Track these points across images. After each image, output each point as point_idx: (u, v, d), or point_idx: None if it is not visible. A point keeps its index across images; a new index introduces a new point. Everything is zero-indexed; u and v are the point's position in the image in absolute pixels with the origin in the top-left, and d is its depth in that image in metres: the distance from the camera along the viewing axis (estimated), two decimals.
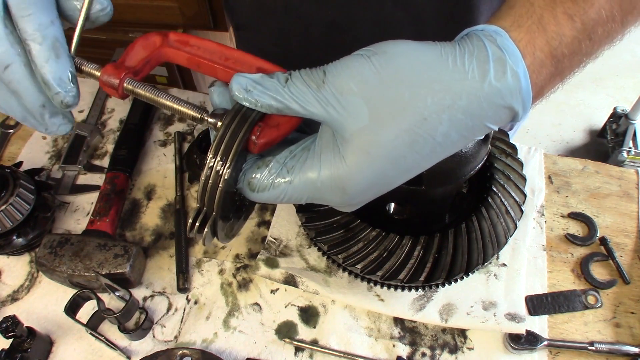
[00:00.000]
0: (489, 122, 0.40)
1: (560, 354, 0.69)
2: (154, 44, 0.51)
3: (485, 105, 0.39)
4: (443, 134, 0.40)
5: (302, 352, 0.70)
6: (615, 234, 0.79)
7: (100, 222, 0.78)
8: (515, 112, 0.41)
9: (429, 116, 0.39)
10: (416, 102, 0.39)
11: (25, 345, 0.66)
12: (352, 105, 0.40)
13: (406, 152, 0.40)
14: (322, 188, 0.42)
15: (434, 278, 0.61)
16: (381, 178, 0.41)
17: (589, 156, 1.02)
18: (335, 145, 0.41)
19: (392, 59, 0.40)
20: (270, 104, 0.42)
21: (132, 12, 1.45)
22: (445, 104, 0.39)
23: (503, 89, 0.39)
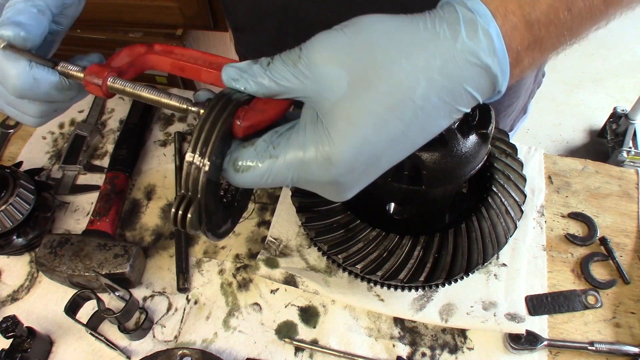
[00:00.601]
0: (468, 84, 0.40)
1: (560, 354, 0.69)
2: (139, 52, 0.53)
3: (461, 65, 0.39)
4: (422, 96, 0.39)
5: (302, 352, 0.70)
6: (615, 234, 0.79)
7: (100, 222, 0.78)
8: (494, 75, 0.40)
9: (405, 78, 0.39)
10: (390, 65, 0.39)
11: (25, 345, 0.66)
12: (327, 76, 0.40)
13: (387, 116, 0.39)
14: (308, 163, 0.42)
15: (434, 278, 0.61)
16: (367, 147, 0.40)
17: (589, 156, 1.02)
18: (318, 119, 0.42)
19: (364, 27, 0.41)
20: (255, 89, 0.43)
21: (132, 12, 1.45)
22: (420, 65, 0.39)
23: (476, 47, 0.39)
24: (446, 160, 0.53)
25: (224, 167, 0.44)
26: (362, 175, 0.43)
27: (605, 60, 2.92)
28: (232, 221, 0.51)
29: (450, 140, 0.53)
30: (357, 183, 0.44)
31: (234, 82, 0.44)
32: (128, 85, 0.49)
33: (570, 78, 2.85)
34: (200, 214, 0.43)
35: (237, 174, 0.44)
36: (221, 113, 0.42)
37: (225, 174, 0.45)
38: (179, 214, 0.42)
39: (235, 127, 0.43)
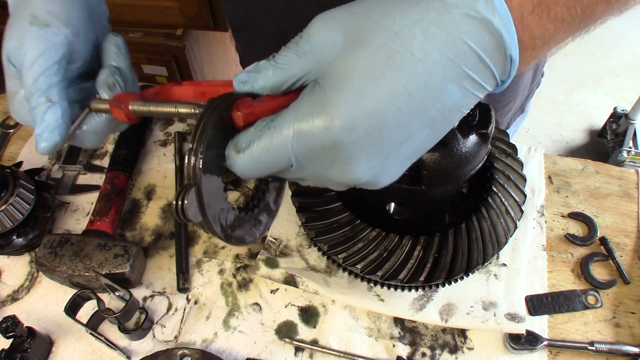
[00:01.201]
0: (469, 39, 0.38)
1: (560, 354, 0.69)
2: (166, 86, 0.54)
3: (457, 18, 0.37)
4: (420, 48, 0.38)
5: (302, 352, 0.70)
6: (615, 234, 0.79)
7: (100, 222, 0.78)
8: (497, 32, 0.38)
9: (400, 30, 0.38)
10: (385, 20, 0.39)
11: (25, 345, 0.66)
12: (323, 41, 0.41)
13: (385, 69, 0.38)
14: (306, 125, 0.39)
15: (434, 278, 0.61)
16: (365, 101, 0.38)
17: (589, 156, 1.02)
18: (316, 84, 0.41)
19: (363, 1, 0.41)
20: (262, 84, 0.43)
21: (132, 12, 1.45)
22: (415, 18, 0.38)
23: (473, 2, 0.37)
24: (446, 160, 0.53)
25: (226, 154, 0.44)
26: (367, 142, 0.39)
27: (605, 60, 2.92)
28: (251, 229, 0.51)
29: (450, 140, 0.53)
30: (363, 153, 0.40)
31: (243, 85, 0.44)
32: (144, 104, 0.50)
33: (570, 78, 2.85)
34: (202, 202, 0.42)
35: (237, 157, 0.43)
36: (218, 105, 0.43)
37: (227, 161, 0.44)
38: (178, 203, 0.41)
39: (235, 116, 0.44)
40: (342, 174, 0.42)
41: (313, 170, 0.43)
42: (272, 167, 0.43)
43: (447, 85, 0.38)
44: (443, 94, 0.39)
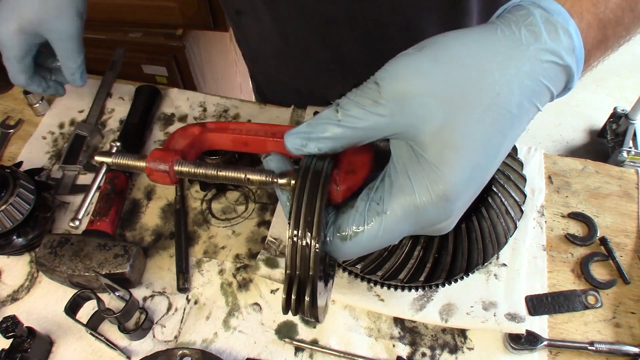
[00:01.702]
0: (550, 84, 0.39)
1: (560, 354, 0.69)
2: (193, 133, 0.50)
3: (546, 67, 0.38)
4: (517, 104, 0.38)
5: (302, 352, 0.70)
6: (615, 234, 0.79)
7: (100, 222, 0.78)
8: (571, 74, 0.40)
9: (500, 90, 0.38)
10: (485, 79, 0.38)
11: (25, 345, 0.66)
12: (420, 105, 0.38)
13: (491, 134, 0.38)
14: (422, 207, 0.38)
15: (434, 278, 0.61)
16: (477, 171, 0.38)
17: (589, 156, 1.02)
18: (419, 156, 0.38)
19: (445, 46, 0.39)
20: (331, 146, 0.40)
21: (132, 12, 1.45)
22: (512, 73, 0.38)
23: (558, 47, 0.38)
24: None
25: (327, 240, 0.40)
26: (471, 198, 0.41)
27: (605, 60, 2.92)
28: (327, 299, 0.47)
29: None
30: (465, 207, 0.41)
31: (303, 148, 0.41)
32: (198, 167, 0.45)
33: None
34: (314, 295, 0.38)
35: (344, 244, 0.40)
36: (317, 180, 0.38)
37: (329, 248, 0.41)
38: (292, 298, 0.37)
39: (334, 192, 0.40)
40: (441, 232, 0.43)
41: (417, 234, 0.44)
42: (377, 248, 0.42)
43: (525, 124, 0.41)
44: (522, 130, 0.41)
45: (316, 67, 0.86)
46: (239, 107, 0.97)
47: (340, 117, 0.39)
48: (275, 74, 0.98)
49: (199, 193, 0.86)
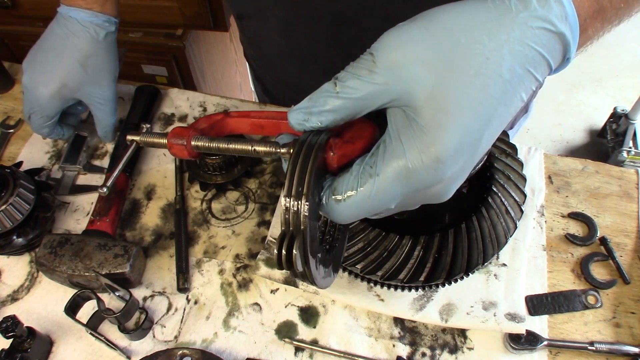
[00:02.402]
0: (544, 51, 0.40)
1: (560, 354, 0.69)
2: (216, 118, 0.55)
3: (537, 33, 0.39)
4: (509, 69, 0.39)
5: (302, 352, 0.70)
6: (615, 234, 0.79)
7: (100, 222, 0.78)
8: (567, 42, 0.40)
9: (490, 55, 0.38)
10: (475, 45, 0.39)
11: (25, 345, 0.66)
12: (411, 72, 0.39)
13: (482, 98, 0.39)
14: (414, 169, 0.39)
15: (434, 278, 0.61)
16: (469, 134, 0.39)
17: (589, 156, 1.02)
18: (412, 120, 0.40)
19: (436, 16, 0.40)
20: (332, 117, 0.41)
21: (132, 12, 1.45)
22: (502, 39, 0.39)
23: (549, 14, 0.39)
24: None
25: (323, 203, 0.42)
26: (466, 165, 0.41)
27: (605, 60, 2.92)
28: (333, 267, 0.49)
29: None
30: (461, 175, 0.42)
31: (305, 123, 0.42)
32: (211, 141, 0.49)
33: (570, 78, 2.85)
34: (306, 251, 0.40)
35: (338, 205, 0.42)
36: (311, 148, 0.40)
37: (325, 209, 0.42)
38: (283, 253, 0.39)
39: (329, 158, 0.42)
40: (436, 199, 0.43)
41: (406, 203, 0.43)
42: (372, 212, 0.43)
43: (522, 93, 0.40)
44: (517, 101, 0.41)
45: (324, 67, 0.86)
46: (239, 107, 0.97)
47: (339, 89, 0.41)
48: (282, 75, 0.98)
49: (199, 193, 0.86)
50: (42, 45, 0.79)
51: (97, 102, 0.82)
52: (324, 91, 0.42)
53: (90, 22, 0.77)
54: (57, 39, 0.78)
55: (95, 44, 0.78)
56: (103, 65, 0.80)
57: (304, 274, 0.42)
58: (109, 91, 0.82)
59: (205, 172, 0.83)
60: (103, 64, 0.80)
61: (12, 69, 1.03)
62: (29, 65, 0.79)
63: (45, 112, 0.80)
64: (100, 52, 0.79)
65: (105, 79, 0.81)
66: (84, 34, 0.77)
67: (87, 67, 0.78)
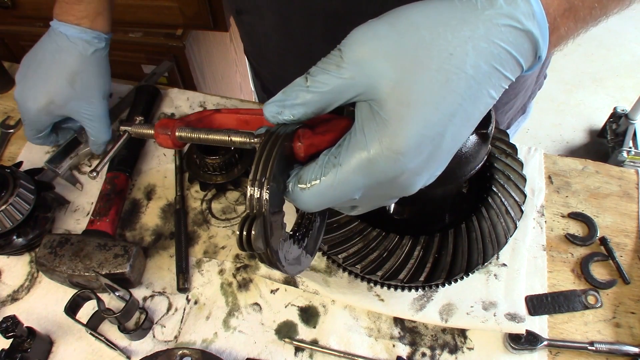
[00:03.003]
0: (512, 49, 0.40)
1: (560, 354, 0.69)
2: (205, 113, 0.57)
3: (503, 30, 0.39)
4: (472, 65, 0.39)
5: (302, 352, 0.70)
6: (615, 234, 0.79)
7: (100, 222, 0.78)
8: (535, 40, 0.40)
9: (453, 50, 0.39)
10: (438, 41, 0.39)
11: (25, 345, 0.66)
12: (377, 67, 0.40)
13: (444, 92, 0.39)
14: (374, 160, 0.40)
15: (434, 278, 0.61)
16: (429, 127, 0.40)
17: (589, 156, 1.02)
18: (375, 113, 0.41)
19: (403, 13, 0.41)
20: (303, 111, 0.42)
21: (132, 12, 1.45)
22: (466, 35, 0.39)
23: (515, 12, 0.39)
24: None
25: (289, 190, 0.44)
26: (430, 159, 0.42)
27: (605, 60, 2.92)
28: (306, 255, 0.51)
29: None
30: (425, 168, 0.42)
31: (279, 115, 0.43)
32: (193, 131, 0.52)
33: (570, 78, 2.85)
34: (266, 232, 0.42)
35: (302, 193, 0.43)
36: (278, 138, 0.42)
37: (291, 196, 0.44)
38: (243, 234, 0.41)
39: (297, 147, 0.44)
40: (401, 192, 0.44)
41: (372, 195, 0.44)
42: (336, 201, 0.44)
43: (490, 90, 0.41)
44: (486, 97, 0.41)
45: None
46: (238, 106, 0.97)
47: (309, 83, 0.42)
48: (279, 71, 0.98)
49: (199, 193, 0.86)
50: (32, 59, 0.79)
51: (87, 118, 0.81)
52: (296, 85, 0.43)
53: (79, 38, 0.77)
54: (47, 54, 0.78)
55: (84, 60, 0.78)
56: (91, 81, 0.79)
57: (269, 258, 0.44)
58: (99, 108, 0.81)
59: (205, 172, 0.83)
60: (91, 80, 0.79)
61: (12, 69, 1.04)
62: (19, 79, 0.79)
63: (36, 126, 0.80)
64: (88, 68, 0.79)
65: (94, 95, 0.80)
66: (72, 50, 0.77)
67: (74, 84, 0.78)
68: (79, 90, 0.78)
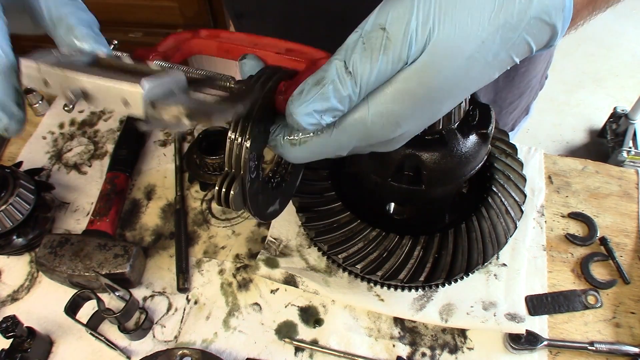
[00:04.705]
0: (532, 39, 0.40)
1: (560, 354, 0.69)
2: (185, 37, 0.52)
3: (532, 22, 0.39)
4: (494, 53, 0.39)
5: (302, 352, 0.70)
6: (615, 234, 0.79)
7: (100, 222, 0.78)
8: (555, 32, 0.41)
9: (486, 38, 0.39)
10: (477, 27, 0.38)
11: (25, 345, 0.66)
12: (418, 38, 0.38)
13: (462, 78, 0.40)
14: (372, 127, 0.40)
15: (434, 278, 0.61)
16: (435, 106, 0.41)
17: (589, 156, 1.02)
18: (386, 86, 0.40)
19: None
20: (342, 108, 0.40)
21: (132, 12, 1.45)
22: (499, 24, 0.39)
23: (549, 5, 0.39)
24: (446, 160, 0.53)
25: (278, 143, 0.43)
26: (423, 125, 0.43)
27: (605, 60, 2.92)
28: (280, 202, 0.50)
29: (450, 140, 0.53)
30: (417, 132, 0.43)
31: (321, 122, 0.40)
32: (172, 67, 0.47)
33: (570, 78, 2.85)
34: (245, 191, 0.42)
35: (292, 148, 0.42)
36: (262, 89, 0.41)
37: (279, 149, 0.43)
38: (222, 191, 0.41)
39: (279, 101, 0.42)
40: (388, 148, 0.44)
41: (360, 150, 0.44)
42: (325, 156, 0.44)
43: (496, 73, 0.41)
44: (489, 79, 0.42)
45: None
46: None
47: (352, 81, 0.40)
48: None
49: (199, 193, 0.86)
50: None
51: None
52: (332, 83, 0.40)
53: None
54: None
55: None
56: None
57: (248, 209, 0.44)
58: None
59: (205, 172, 0.83)
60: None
61: None
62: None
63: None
64: None
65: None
66: None
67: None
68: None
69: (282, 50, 0.48)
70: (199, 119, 0.35)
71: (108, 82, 0.38)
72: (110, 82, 0.38)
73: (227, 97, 0.44)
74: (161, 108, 0.36)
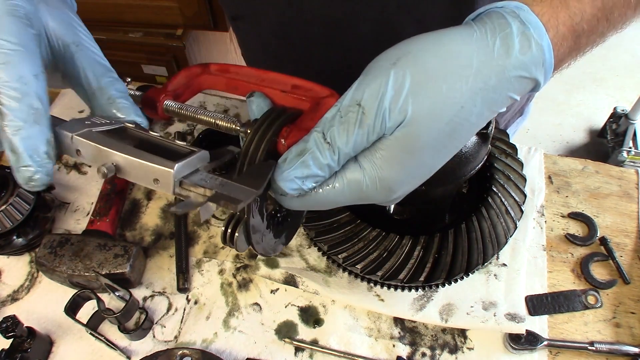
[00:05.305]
0: (514, 93, 0.41)
1: (560, 354, 0.69)
2: (195, 73, 0.54)
3: (513, 80, 0.40)
4: (477, 114, 0.40)
5: (302, 352, 0.70)
6: (615, 234, 0.79)
7: (100, 222, 0.78)
8: (537, 83, 0.41)
9: (465, 103, 0.39)
10: (453, 94, 0.39)
11: (25, 345, 0.66)
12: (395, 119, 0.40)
13: (447, 142, 0.41)
14: (367, 190, 0.42)
15: (434, 278, 0.61)
16: (423, 169, 0.42)
17: (589, 156, 1.02)
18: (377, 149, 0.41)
19: (419, 58, 0.40)
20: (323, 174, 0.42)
21: (132, 12, 1.45)
22: (478, 87, 0.39)
23: (528, 61, 0.40)
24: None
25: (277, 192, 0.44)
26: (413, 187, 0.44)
27: (605, 60, 2.92)
28: (285, 236, 0.52)
29: None
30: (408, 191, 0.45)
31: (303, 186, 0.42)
32: (182, 108, 0.50)
33: (570, 78, 2.85)
34: (248, 233, 0.43)
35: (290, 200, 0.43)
36: (265, 135, 0.43)
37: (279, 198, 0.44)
38: (228, 232, 0.42)
39: (280, 145, 0.44)
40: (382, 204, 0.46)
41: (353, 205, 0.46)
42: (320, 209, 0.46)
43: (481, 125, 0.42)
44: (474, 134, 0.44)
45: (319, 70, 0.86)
46: (239, 107, 0.97)
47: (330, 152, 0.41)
48: None
49: None
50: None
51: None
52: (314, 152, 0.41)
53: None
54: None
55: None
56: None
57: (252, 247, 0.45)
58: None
59: None
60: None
61: None
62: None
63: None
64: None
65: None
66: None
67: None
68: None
69: (288, 88, 0.50)
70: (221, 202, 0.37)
71: (141, 161, 0.40)
72: (143, 161, 0.40)
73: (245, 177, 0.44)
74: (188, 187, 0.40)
